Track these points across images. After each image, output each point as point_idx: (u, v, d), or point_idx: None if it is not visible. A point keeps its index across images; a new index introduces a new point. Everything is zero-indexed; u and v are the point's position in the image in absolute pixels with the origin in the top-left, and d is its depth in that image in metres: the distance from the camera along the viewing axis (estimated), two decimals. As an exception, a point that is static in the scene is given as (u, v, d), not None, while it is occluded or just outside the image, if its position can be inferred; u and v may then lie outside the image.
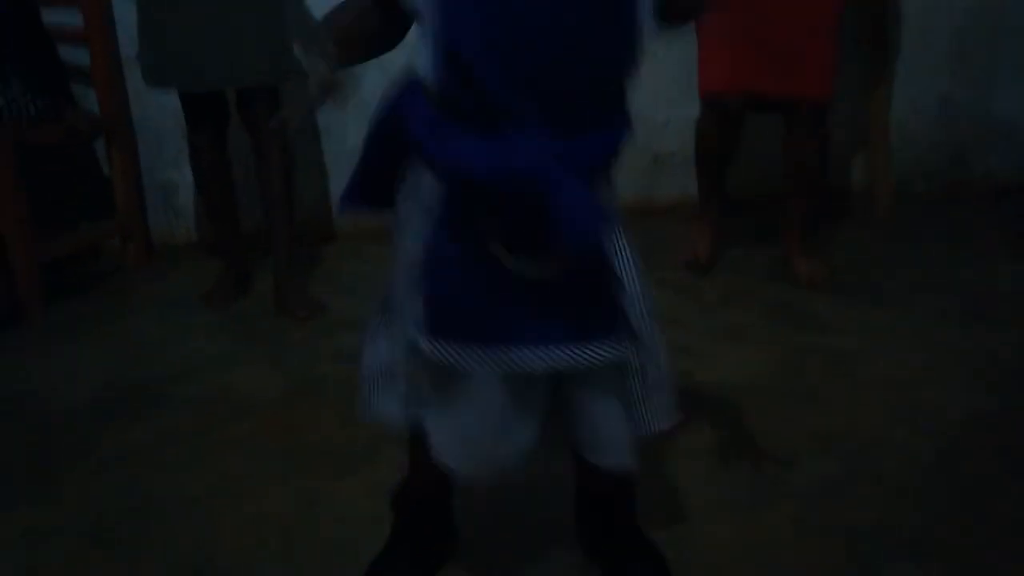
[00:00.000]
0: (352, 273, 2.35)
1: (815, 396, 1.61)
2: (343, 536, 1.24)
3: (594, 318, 0.88)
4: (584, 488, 1.15)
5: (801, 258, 2.19)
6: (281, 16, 2.00)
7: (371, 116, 0.90)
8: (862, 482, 1.34)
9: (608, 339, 0.87)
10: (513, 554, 1.19)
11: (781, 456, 1.40)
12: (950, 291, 2.06)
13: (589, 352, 0.86)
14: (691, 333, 1.89)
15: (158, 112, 2.45)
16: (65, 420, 1.64)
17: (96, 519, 1.32)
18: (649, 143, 2.72)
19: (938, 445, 1.43)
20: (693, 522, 1.25)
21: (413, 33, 0.86)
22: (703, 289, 2.15)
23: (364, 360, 0.99)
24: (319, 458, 1.46)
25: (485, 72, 0.77)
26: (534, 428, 0.94)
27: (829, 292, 2.09)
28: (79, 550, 1.25)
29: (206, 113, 2.07)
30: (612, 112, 0.86)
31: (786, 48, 2.00)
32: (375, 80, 1.11)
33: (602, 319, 0.88)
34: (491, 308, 0.86)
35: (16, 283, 2.09)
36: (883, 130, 2.71)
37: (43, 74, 2.19)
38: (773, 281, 2.18)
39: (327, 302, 2.11)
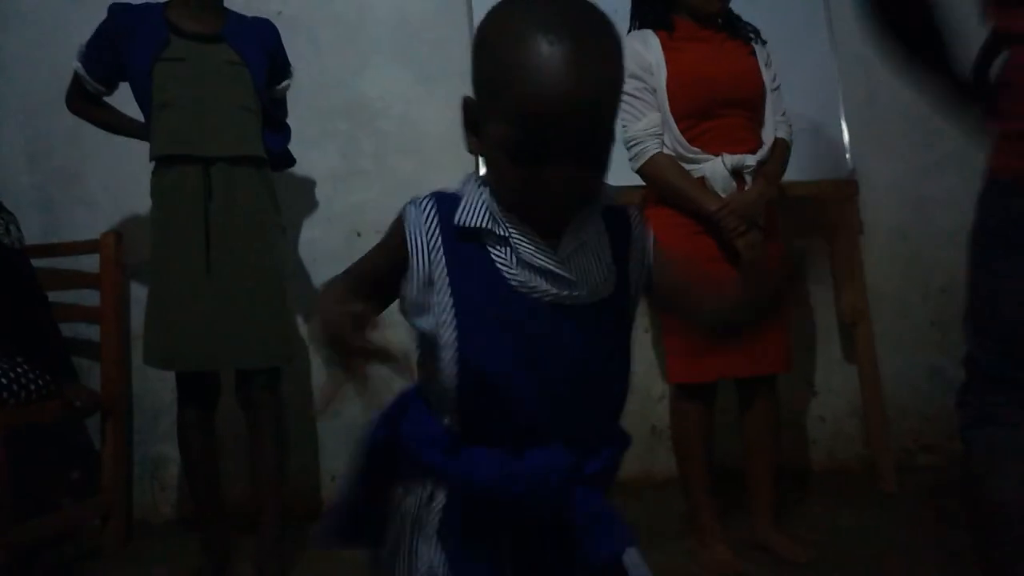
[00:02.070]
0: (335, 560, 2.22)
1: None
2: None
3: None
4: None
5: (780, 536, 2.09)
6: (284, 300, 2.10)
7: (360, 447, 0.90)
8: None
9: None
10: None
11: None
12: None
13: None
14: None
15: (159, 385, 2.49)
16: None
17: None
18: (647, 416, 2.71)
19: None
20: None
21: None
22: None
23: None
24: None
25: (512, 391, 0.78)
26: None
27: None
28: None
29: (201, 391, 2.09)
30: (614, 427, 0.87)
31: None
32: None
33: None
34: None
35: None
36: (877, 406, 2.72)
37: (47, 356, 2.23)
38: (768, 566, 2.03)
39: (308, 596, 1.99)
